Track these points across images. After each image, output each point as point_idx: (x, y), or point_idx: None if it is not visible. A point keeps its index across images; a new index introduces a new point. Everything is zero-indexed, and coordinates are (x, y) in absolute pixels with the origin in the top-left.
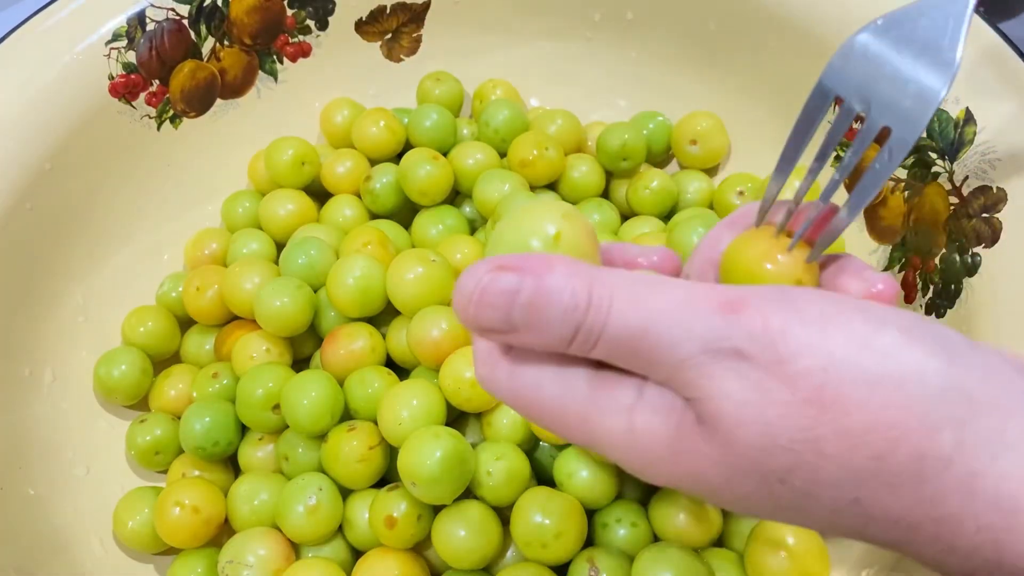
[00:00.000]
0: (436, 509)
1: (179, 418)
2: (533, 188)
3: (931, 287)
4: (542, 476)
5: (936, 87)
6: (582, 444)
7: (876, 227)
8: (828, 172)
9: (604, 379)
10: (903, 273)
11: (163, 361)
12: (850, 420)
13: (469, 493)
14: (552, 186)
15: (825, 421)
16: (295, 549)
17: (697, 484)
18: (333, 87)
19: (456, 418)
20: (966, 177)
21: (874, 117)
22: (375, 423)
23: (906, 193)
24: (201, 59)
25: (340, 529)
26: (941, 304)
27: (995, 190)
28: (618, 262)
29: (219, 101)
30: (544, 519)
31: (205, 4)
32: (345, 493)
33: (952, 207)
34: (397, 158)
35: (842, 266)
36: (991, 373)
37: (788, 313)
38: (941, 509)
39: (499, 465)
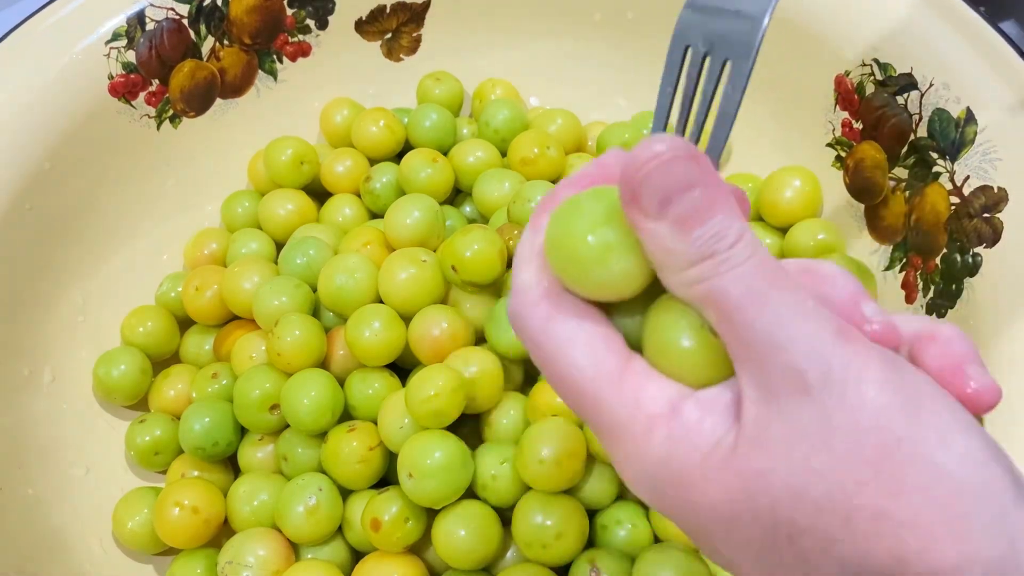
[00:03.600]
0: (426, 514)
1: (179, 418)
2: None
3: (932, 287)
4: None
5: (760, 10)
6: (584, 419)
7: (877, 227)
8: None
9: (638, 371)
10: (904, 273)
11: (162, 361)
12: (896, 503)
13: (470, 494)
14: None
15: (869, 492)
16: (295, 549)
17: (695, 515)
18: (333, 87)
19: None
20: (967, 177)
21: (715, 55)
22: (375, 423)
23: (907, 193)
24: (201, 59)
25: (340, 530)
26: (942, 304)
27: (996, 190)
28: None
29: (219, 101)
30: (545, 520)
31: (205, 4)
32: (345, 494)
33: (953, 207)
34: (397, 158)
35: (944, 348)
36: None
37: (890, 371)
38: None
39: (504, 468)
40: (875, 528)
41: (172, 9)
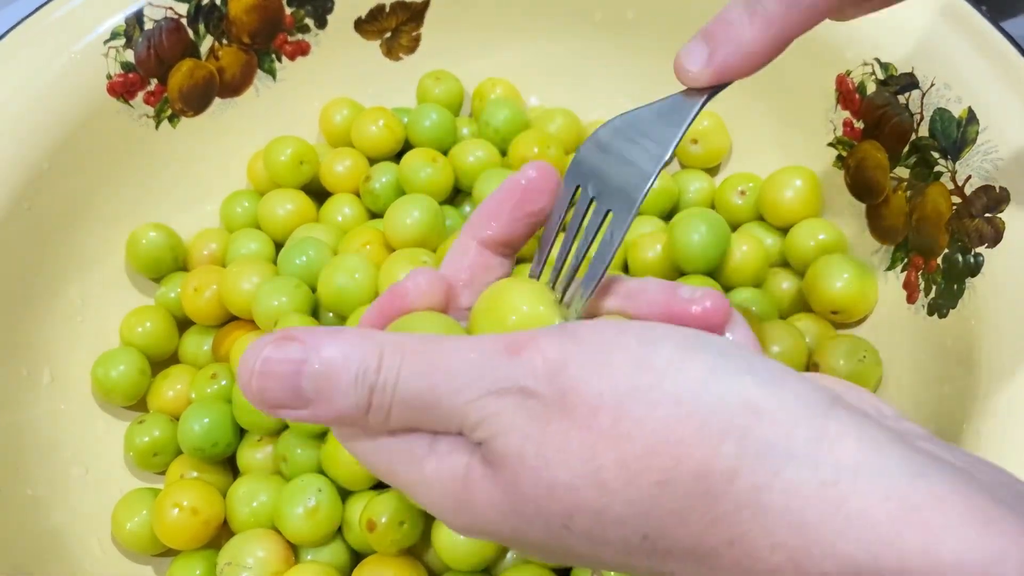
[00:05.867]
0: (424, 516)
1: (178, 419)
2: None
3: (933, 287)
4: None
5: (647, 172)
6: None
7: (878, 227)
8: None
9: (401, 435)
10: (905, 273)
11: (161, 362)
12: (630, 444)
13: None
14: None
15: (604, 448)
16: (294, 551)
17: (489, 534)
18: (332, 86)
19: None
20: (968, 177)
21: (601, 202)
22: None
23: (908, 193)
24: (199, 58)
25: (339, 531)
26: (943, 304)
27: (998, 190)
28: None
29: (217, 100)
30: None
31: (203, 3)
32: (345, 495)
33: (954, 207)
34: (397, 157)
35: (648, 296)
36: (778, 381)
37: (569, 345)
38: (733, 529)
39: None
40: (628, 473)
41: (171, 8)
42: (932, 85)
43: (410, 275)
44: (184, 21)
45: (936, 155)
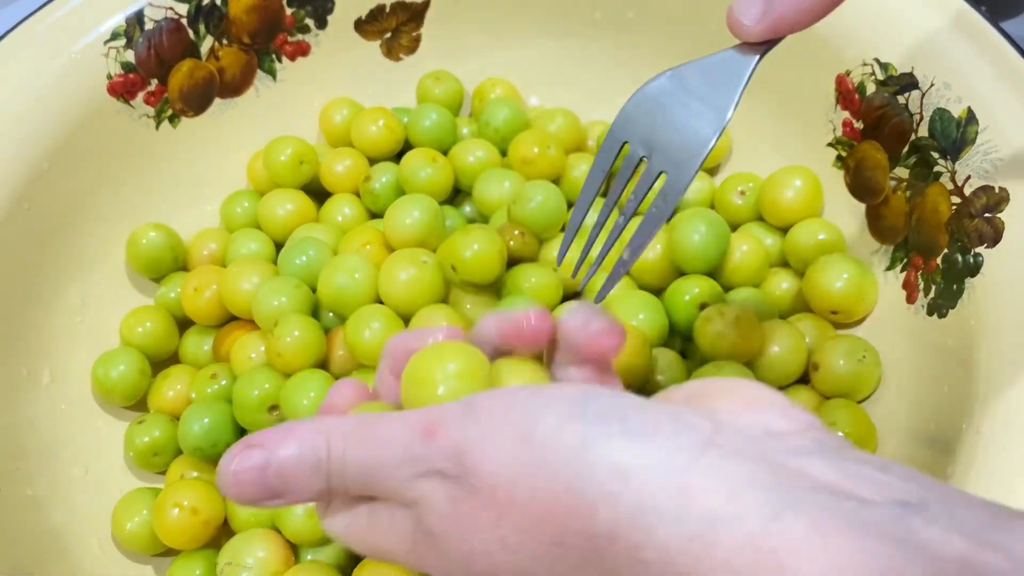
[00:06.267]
0: None
1: (178, 419)
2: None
3: (933, 287)
4: None
5: (706, 138)
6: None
7: (878, 227)
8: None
9: (375, 506)
10: (905, 273)
11: (161, 362)
12: (524, 514)
13: None
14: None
15: (504, 522)
16: (294, 551)
17: None
18: (332, 86)
19: None
20: (968, 177)
21: (653, 163)
22: None
23: (908, 193)
24: (199, 58)
25: None
26: (943, 305)
27: (997, 190)
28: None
29: (217, 100)
30: None
31: (204, 3)
32: None
33: (954, 207)
34: (396, 157)
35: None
36: (649, 437)
37: (471, 426)
38: None
39: None
40: (527, 538)
41: (171, 8)
42: (932, 85)
43: (332, 389)
44: (184, 21)
45: (936, 155)
